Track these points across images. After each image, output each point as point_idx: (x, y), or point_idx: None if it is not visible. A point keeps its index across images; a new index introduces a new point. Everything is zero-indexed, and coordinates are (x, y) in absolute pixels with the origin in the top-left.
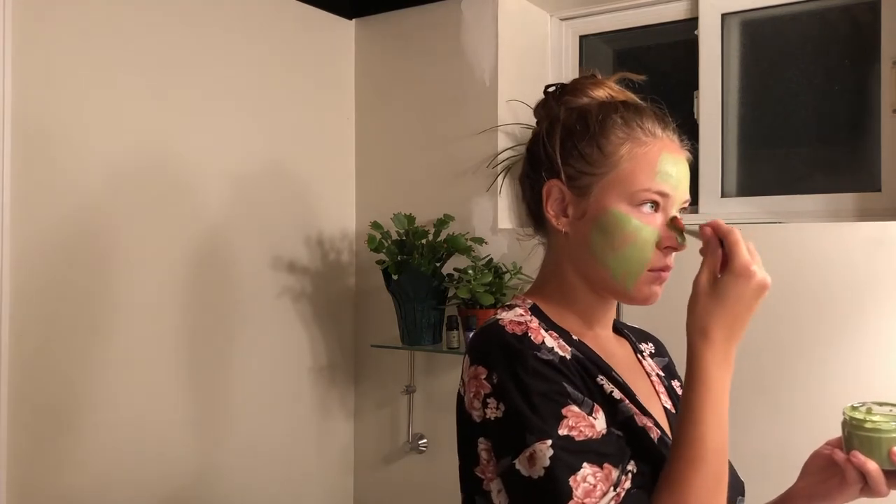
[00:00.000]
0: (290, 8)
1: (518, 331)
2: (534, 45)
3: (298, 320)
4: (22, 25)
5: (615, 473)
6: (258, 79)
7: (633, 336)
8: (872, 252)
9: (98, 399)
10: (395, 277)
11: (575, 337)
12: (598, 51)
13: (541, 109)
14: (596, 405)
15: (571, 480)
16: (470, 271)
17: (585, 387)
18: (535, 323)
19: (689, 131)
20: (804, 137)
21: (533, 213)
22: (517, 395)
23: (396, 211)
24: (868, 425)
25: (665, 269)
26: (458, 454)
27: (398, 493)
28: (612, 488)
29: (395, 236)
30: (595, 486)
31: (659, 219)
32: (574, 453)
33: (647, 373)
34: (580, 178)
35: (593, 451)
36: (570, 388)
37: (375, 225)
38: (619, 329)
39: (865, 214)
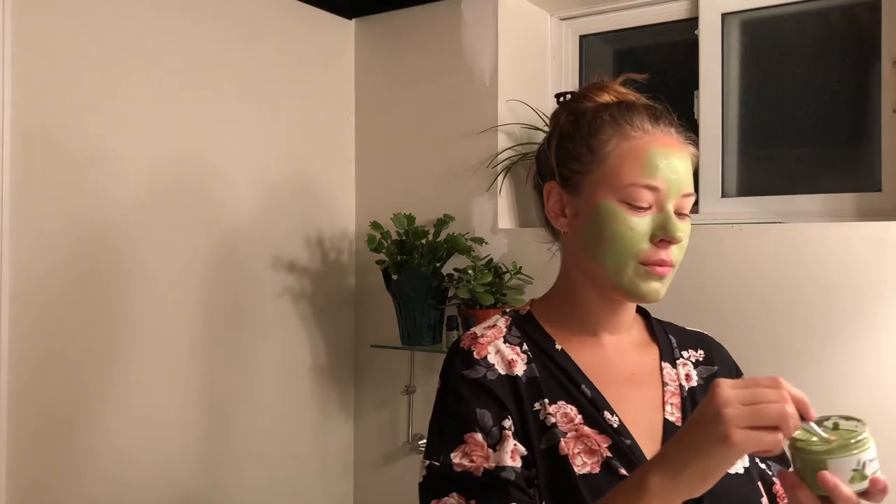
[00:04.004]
0: (289, 8)
1: (466, 345)
2: (534, 45)
3: (298, 320)
4: (22, 26)
5: None
6: (258, 78)
7: (678, 340)
8: (872, 252)
9: (99, 400)
10: (394, 277)
11: (559, 346)
12: (598, 51)
13: (552, 119)
14: (506, 438)
15: (433, 503)
16: (470, 271)
17: (517, 410)
18: (491, 335)
19: (688, 131)
20: (804, 137)
21: (545, 217)
22: (436, 411)
23: (396, 211)
24: (799, 444)
25: (660, 263)
26: None
27: (398, 494)
28: None
29: (395, 236)
30: None
31: (653, 213)
32: (448, 480)
33: (663, 382)
34: (573, 178)
35: (469, 484)
36: (480, 415)
37: (375, 225)
38: (659, 333)
39: (865, 214)
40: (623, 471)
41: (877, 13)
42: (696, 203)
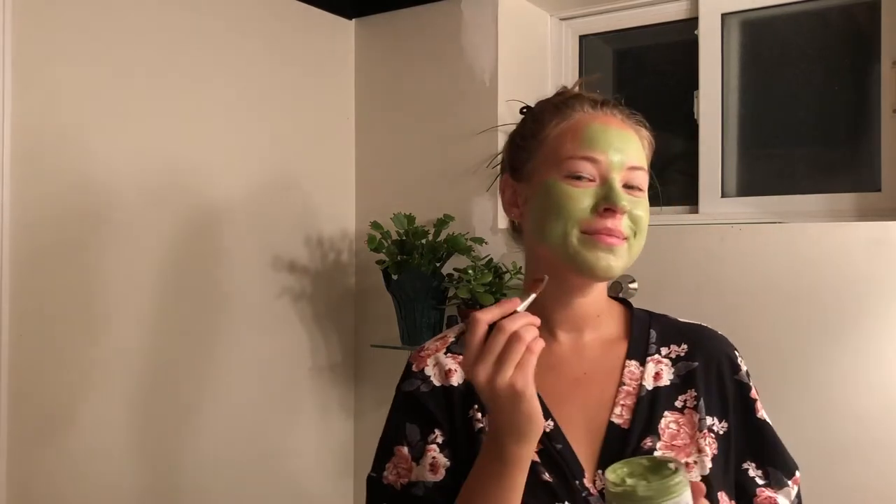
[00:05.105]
0: (290, 8)
1: (411, 358)
2: (534, 45)
3: (298, 320)
4: (23, 26)
5: None
6: (257, 79)
7: (661, 335)
8: (872, 252)
9: (99, 401)
10: (394, 277)
11: None
12: (598, 51)
13: None
14: (427, 451)
15: None
16: (470, 271)
17: (449, 421)
18: (434, 347)
19: (689, 131)
20: (804, 137)
21: (510, 223)
22: (385, 423)
23: (396, 211)
24: (606, 483)
25: (605, 231)
26: None
27: None
28: None
29: (395, 236)
30: None
31: (596, 185)
32: (380, 493)
33: (621, 381)
34: (521, 168)
35: (392, 498)
36: (410, 428)
37: (375, 225)
38: (637, 328)
39: (865, 214)
40: (546, 476)
41: (876, 13)
42: (696, 203)
